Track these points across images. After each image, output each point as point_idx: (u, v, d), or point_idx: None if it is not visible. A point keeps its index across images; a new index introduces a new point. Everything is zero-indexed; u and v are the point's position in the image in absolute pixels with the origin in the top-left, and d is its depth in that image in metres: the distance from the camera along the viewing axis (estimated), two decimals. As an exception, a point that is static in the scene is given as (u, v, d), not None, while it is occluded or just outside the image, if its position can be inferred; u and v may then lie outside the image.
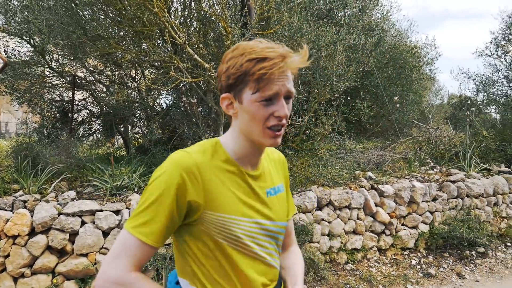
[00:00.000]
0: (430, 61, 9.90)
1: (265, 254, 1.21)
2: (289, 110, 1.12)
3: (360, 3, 7.35)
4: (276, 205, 1.26)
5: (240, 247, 1.15)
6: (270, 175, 1.29)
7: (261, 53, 1.07)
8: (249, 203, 1.18)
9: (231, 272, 1.15)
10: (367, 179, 5.50)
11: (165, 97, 6.68)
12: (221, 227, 1.12)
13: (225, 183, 1.14)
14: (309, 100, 5.58)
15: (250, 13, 4.96)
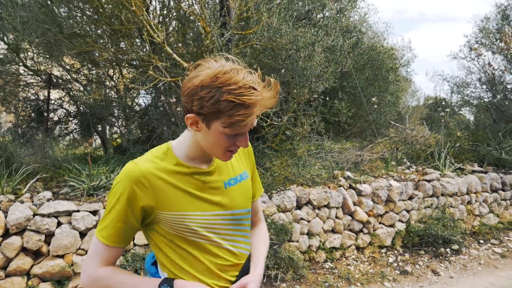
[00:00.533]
0: (406, 63, 10.13)
1: (227, 241, 1.35)
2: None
3: (338, 5, 7.45)
4: (237, 194, 1.37)
5: (200, 238, 1.28)
6: (229, 166, 1.39)
7: (240, 96, 1.10)
8: (205, 198, 1.29)
9: (192, 260, 1.30)
10: (345, 178, 5.57)
11: (144, 96, 6.62)
12: (176, 223, 1.25)
13: (175, 184, 1.25)
14: (288, 100, 5.62)
15: (230, 13, 4.97)
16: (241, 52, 5.28)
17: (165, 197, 1.23)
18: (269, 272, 4.16)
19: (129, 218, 1.22)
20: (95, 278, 1.23)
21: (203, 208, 1.28)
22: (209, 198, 1.30)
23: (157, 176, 1.23)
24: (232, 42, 5.16)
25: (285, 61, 5.50)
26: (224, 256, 1.33)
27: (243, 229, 1.41)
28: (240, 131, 1.17)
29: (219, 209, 1.31)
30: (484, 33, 9.33)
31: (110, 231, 1.22)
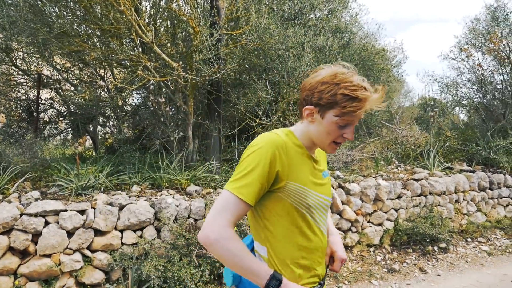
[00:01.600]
0: (397, 64, 10.19)
1: (322, 224, 1.51)
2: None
3: (329, 6, 7.49)
4: (327, 184, 1.56)
5: (309, 214, 1.44)
6: (320, 160, 1.57)
7: (354, 92, 1.33)
8: (314, 180, 1.47)
9: (297, 234, 1.44)
10: (335, 178, 5.61)
11: (134, 96, 6.63)
12: (298, 195, 1.40)
13: (300, 161, 1.43)
14: (278, 100, 5.65)
15: (219, 13, 4.99)
16: (230, 52, 5.31)
17: (296, 168, 1.40)
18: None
19: (265, 181, 1.34)
20: (225, 237, 1.27)
21: (315, 188, 1.46)
22: (317, 181, 1.49)
23: (292, 148, 1.41)
24: (221, 42, 5.19)
25: (275, 61, 5.53)
26: (320, 237, 1.51)
27: (326, 218, 1.60)
28: (349, 122, 1.38)
29: (322, 193, 1.50)
30: (474, 34, 9.42)
31: (250, 189, 1.32)
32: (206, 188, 4.74)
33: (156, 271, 3.65)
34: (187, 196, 4.48)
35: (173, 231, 3.94)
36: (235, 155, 6.02)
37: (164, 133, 5.34)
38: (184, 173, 4.82)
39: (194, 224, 4.15)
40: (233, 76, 5.68)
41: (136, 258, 3.82)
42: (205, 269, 3.88)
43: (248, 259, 1.29)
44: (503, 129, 8.02)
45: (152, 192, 4.47)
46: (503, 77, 8.94)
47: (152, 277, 3.62)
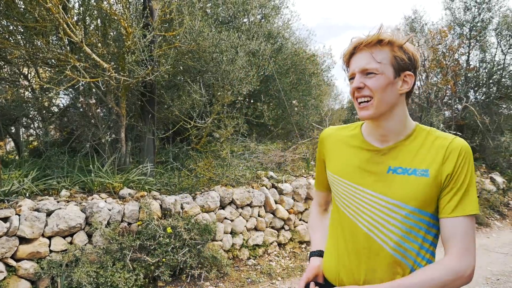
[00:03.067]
0: (327, 69, 10.69)
1: (362, 221, 1.32)
2: (370, 83, 1.25)
3: (262, 11, 7.70)
4: (398, 183, 1.27)
5: (341, 206, 1.39)
6: (410, 155, 1.28)
7: (348, 45, 1.32)
8: (361, 172, 1.34)
9: (335, 225, 1.44)
10: (268, 178, 5.79)
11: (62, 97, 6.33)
12: (332, 183, 1.45)
13: (342, 151, 1.42)
14: (212, 102, 5.72)
15: (152, 14, 4.95)
16: (164, 54, 5.28)
17: (331, 156, 1.46)
18: (192, 271, 4.22)
19: (321, 168, 1.56)
20: (310, 210, 1.73)
21: (354, 179, 1.35)
22: (365, 174, 1.33)
23: (333, 138, 1.48)
24: (155, 44, 5.15)
25: (209, 63, 5.59)
26: (360, 240, 1.32)
27: (394, 224, 1.26)
28: (349, 74, 1.32)
29: (368, 188, 1.31)
30: (394, 42, 10.14)
31: (316, 178, 1.65)
32: (140, 191, 4.68)
33: (88, 278, 3.55)
34: (120, 200, 4.39)
35: (106, 235, 3.85)
36: (169, 157, 5.99)
37: (95, 135, 5.18)
38: (117, 176, 4.72)
39: (128, 227, 4.08)
40: (167, 78, 5.64)
41: (66, 265, 3.68)
42: (139, 272, 3.84)
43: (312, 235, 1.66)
44: (420, 131, 8.71)
45: (82, 197, 4.32)
46: (420, 83, 9.74)
47: (83, 283, 3.52)
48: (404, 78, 1.25)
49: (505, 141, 8.70)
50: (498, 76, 9.65)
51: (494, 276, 4.75)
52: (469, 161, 1.22)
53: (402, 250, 1.25)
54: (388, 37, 1.23)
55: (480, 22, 9.43)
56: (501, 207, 7.66)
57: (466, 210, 1.18)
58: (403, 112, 1.29)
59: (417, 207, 1.23)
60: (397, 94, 1.26)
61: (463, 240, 1.17)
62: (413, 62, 1.26)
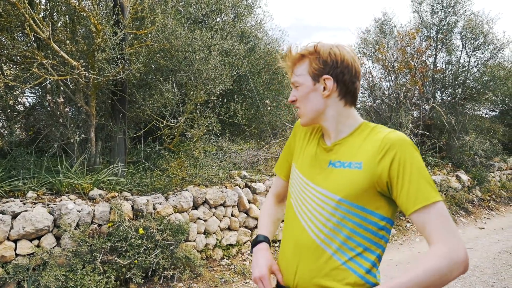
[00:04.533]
0: (299, 69, 10.78)
1: (302, 213, 1.36)
2: (296, 94, 1.38)
3: (235, 10, 7.69)
4: (335, 176, 1.30)
5: (290, 196, 1.45)
6: (350, 150, 1.31)
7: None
8: (310, 168, 1.39)
9: (286, 220, 1.46)
10: (242, 178, 5.79)
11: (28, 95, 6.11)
12: (291, 174, 1.49)
13: (305, 146, 1.47)
14: (185, 102, 5.67)
15: (123, 12, 4.86)
16: (136, 52, 5.19)
17: (299, 150, 1.49)
18: (165, 273, 4.17)
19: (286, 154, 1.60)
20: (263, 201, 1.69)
21: (304, 172, 1.40)
22: (312, 168, 1.38)
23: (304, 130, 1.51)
24: (126, 41, 5.05)
25: (182, 62, 5.54)
26: (300, 236, 1.33)
27: (333, 221, 1.27)
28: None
29: (310, 180, 1.36)
30: (365, 44, 10.37)
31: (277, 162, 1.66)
32: (110, 192, 4.58)
33: (56, 281, 3.45)
34: (90, 201, 4.29)
35: (75, 238, 3.75)
36: (141, 157, 5.89)
37: (63, 135, 5.03)
38: (87, 177, 4.60)
39: (98, 229, 3.99)
40: (138, 77, 5.55)
41: (33, 269, 3.56)
42: (110, 275, 3.76)
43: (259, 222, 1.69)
44: (390, 131, 8.92)
45: (50, 198, 4.19)
46: (389, 84, 9.98)
47: (51, 287, 3.41)
48: (324, 82, 1.32)
49: (469, 140, 9.03)
50: (463, 78, 10.01)
51: (460, 270, 4.92)
52: (408, 153, 1.19)
53: (328, 241, 1.26)
54: (302, 51, 1.35)
55: (446, 25, 9.75)
56: (466, 204, 7.95)
57: (424, 200, 1.15)
58: (338, 113, 1.35)
59: (345, 197, 1.24)
60: (323, 98, 1.33)
61: (442, 226, 1.13)
62: (331, 65, 1.30)
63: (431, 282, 1.08)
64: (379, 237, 1.26)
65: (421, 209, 1.15)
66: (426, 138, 8.77)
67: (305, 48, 1.34)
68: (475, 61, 10.01)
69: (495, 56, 9.85)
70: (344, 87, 1.32)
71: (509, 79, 10.16)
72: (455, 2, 9.66)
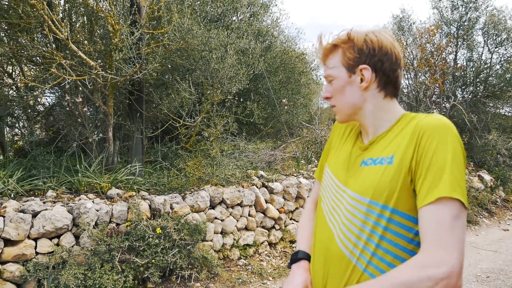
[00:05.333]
0: (316, 67, 10.70)
1: (328, 214, 1.24)
2: (332, 90, 1.26)
3: (251, 9, 7.66)
4: (363, 175, 1.16)
5: (323, 204, 1.30)
6: (381, 146, 1.18)
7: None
8: (342, 168, 1.27)
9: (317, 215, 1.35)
10: (258, 177, 5.75)
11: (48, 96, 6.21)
12: (324, 175, 1.37)
13: (342, 144, 1.36)
14: (201, 101, 5.66)
15: (140, 12, 4.88)
16: (152, 52, 5.20)
17: (333, 149, 1.39)
18: (182, 272, 4.16)
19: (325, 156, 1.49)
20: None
21: (336, 173, 1.28)
22: (345, 168, 1.25)
23: (342, 128, 1.41)
24: (143, 41, 5.07)
25: (198, 62, 5.53)
26: (326, 238, 1.22)
27: (348, 219, 1.15)
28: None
29: (341, 181, 1.23)
30: (383, 41, 10.20)
31: (317, 167, 1.52)
32: (128, 191, 4.60)
33: (75, 280, 3.47)
34: (108, 200, 4.31)
35: (94, 236, 3.78)
36: (158, 157, 5.91)
37: (82, 134, 5.08)
38: (105, 176, 4.63)
39: (116, 228, 4.01)
40: (155, 76, 5.56)
41: (53, 267, 3.60)
42: (128, 274, 3.77)
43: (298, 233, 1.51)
44: (409, 129, 8.76)
45: (69, 197, 4.23)
46: (409, 82, 9.80)
47: (71, 286, 3.44)
48: (361, 73, 1.18)
49: (492, 139, 8.79)
50: (484, 75, 9.76)
51: (484, 273, 4.78)
52: (440, 137, 1.02)
53: (358, 252, 1.10)
54: (334, 41, 1.22)
55: (467, 21, 9.52)
56: (489, 204, 7.74)
57: (435, 194, 0.97)
58: (377, 107, 1.20)
59: (374, 199, 1.08)
60: (360, 91, 1.20)
61: (435, 232, 0.96)
62: (367, 53, 1.17)
63: None
64: (414, 245, 1.06)
65: (428, 205, 0.98)
66: (446, 137, 8.56)
67: (338, 37, 1.21)
68: (497, 58, 9.75)
69: (518, 52, 9.58)
70: (384, 77, 1.18)
71: (533, 75, 9.86)
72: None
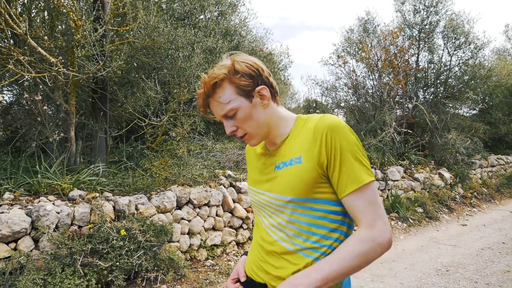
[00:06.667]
0: (284, 68, 10.78)
1: (266, 223, 1.37)
2: (238, 123, 1.29)
3: (219, 8, 7.61)
4: (280, 178, 1.30)
5: (255, 212, 1.45)
6: (288, 149, 1.32)
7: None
8: (259, 177, 1.40)
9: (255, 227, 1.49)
10: (226, 177, 5.72)
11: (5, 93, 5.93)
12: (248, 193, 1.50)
13: (253, 161, 1.48)
14: (168, 100, 5.57)
15: (104, 8, 4.74)
16: (117, 49, 5.07)
17: (248, 169, 1.52)
18: (148, 275, 4.08)
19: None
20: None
21: (256, 184, 1.41)
22: (262, 177, 1.39)
23: (250, 151, 1.53)
24: (107, 38, 4.93)
25: (165, 60, 5.44)
26: (264, 237, 1.37)
27: (285, 219, 1.29)
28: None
29: (262, 189, 1.36)
30: (349, 43, 10.42)
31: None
32: (91, 192, 4.47)
33: (34, 286, 3.33)
34: (69, 202, 4.17)
35: (54, 240, 3.64)
36: (123, 157, 5.77)
37: (42, 134, 4.88)
38: (66, 177, 4.48)
39: (78, 231, 3.88)
40: (120, 74, 5.42)
41: (10, 273, 3.43)
42: (91, 278, 3.65)
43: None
44: (373, 129, 8.99)
45: (28, 199, 4.06)
46: (373, 83, 10.04)
47: (29, 292, 3.29)
48: (259, 93, 1.28)
49: (451, 138, 9.14)
50: (444, 77, 10.14)
51: (444, 267, 4.96)
52: (340, 135, 1.20)
53: (294, 242, 1.27)
54: (218, 77, 1.24)
55: (428, 24, 9.86)
56: (449, 201, 8.04)
57: (354, 184, 1.18)
58: (276, 117, 1.33)
59: (296, 195, 1.24)
60: (263, 110, 1.30)
61: (367, 212, 1.18)
62: (255, 75, 1.27)
63: (358, 265, 1.15)
64: (339, 223, 1.26)
65: (352, 193, 1.18)
66: (409, 137, 8.84)
67: (217, 74, 1.25)
68: (456, 60, 10.16)
69: (475, 55, 10.01)
70: (271, 89, 1.32)
71: (489, 78, 10.33)
72: (437, 1, 9.77)
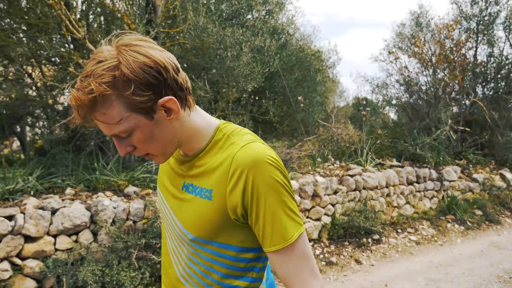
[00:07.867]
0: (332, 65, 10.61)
1: (169, 245, 1.20)
2: (135, 144, 1.00)
3: (266, 7, 7.63)
4: (186, 205, 1.09)
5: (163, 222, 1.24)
6: (201, 169, 1.08)
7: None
8: (167, 183, 1.19)
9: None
10: (274, 175, 5.71)
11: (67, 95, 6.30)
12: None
13: (168, 166, 1.20)
14: (217, 99, 5.66)
15: (155, 11, 4.91)
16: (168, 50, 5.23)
17: (160, 168, 1.27)
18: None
19: None
20: None
21: (164, 192, 1.19)
22: (170, 188, 1.17)
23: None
24: (158, 40, 5.10)
25: (213, 60, 5.54)
26: (166, 258, 1.23)
27: (185, 253, 1.12)
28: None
29: (171, 206, 1.16)
30: (400, 38, 10.07)
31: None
32: (145, 189, 4.64)
33: (93, 276, 3.51)
34: (125, 198, 4.36)
35: (111, 234, 3.82)
36: (174, 155, 5.93)
37: (99, 133, 5.14)
38: (122, 174, 4.68)
39: (133, 226, 4.04)
40: (171, 75, 5.58)
41: (72, 264, 3.65)
42: (145, 271, 3.80)
43: None
44: (427, 127, 8.64)
45: (87, 195, 4.28)
46: (427, 79, 9.64)
47: (89, 282, 3.48)
48: (164, 107, 0.97)
49: (514, 136, 8.57)
50: (506, 71, 9.52)
51: (507, 274, 4.67)
52: (263, 176, 0.97)
53: (187, 277, 1.12)
54: (98, 91, 0.87)
55: (488, 16, 9.30)
56: (511, 203, 7.55)
57: (281, 240, 0.99)
58: (191, 129, 1.06)
59: (200, 237, 1.05)
60: (169, 124, 1.00)
61: (299, 271, 1.01)
62: (157, 82, 0.94)
63: None
64: (246, 271, 1.11)
65: (280, 251, 1.00)
66: (467, 135, 8.40)
67: (95, 88, 0.87)
68: (519, 53, 9.50)
69: (541, 47, 9.31)
70: (181, 92, 1.01)
71: (557, 71, 9.58)
72: (497, -9, 9.20)
